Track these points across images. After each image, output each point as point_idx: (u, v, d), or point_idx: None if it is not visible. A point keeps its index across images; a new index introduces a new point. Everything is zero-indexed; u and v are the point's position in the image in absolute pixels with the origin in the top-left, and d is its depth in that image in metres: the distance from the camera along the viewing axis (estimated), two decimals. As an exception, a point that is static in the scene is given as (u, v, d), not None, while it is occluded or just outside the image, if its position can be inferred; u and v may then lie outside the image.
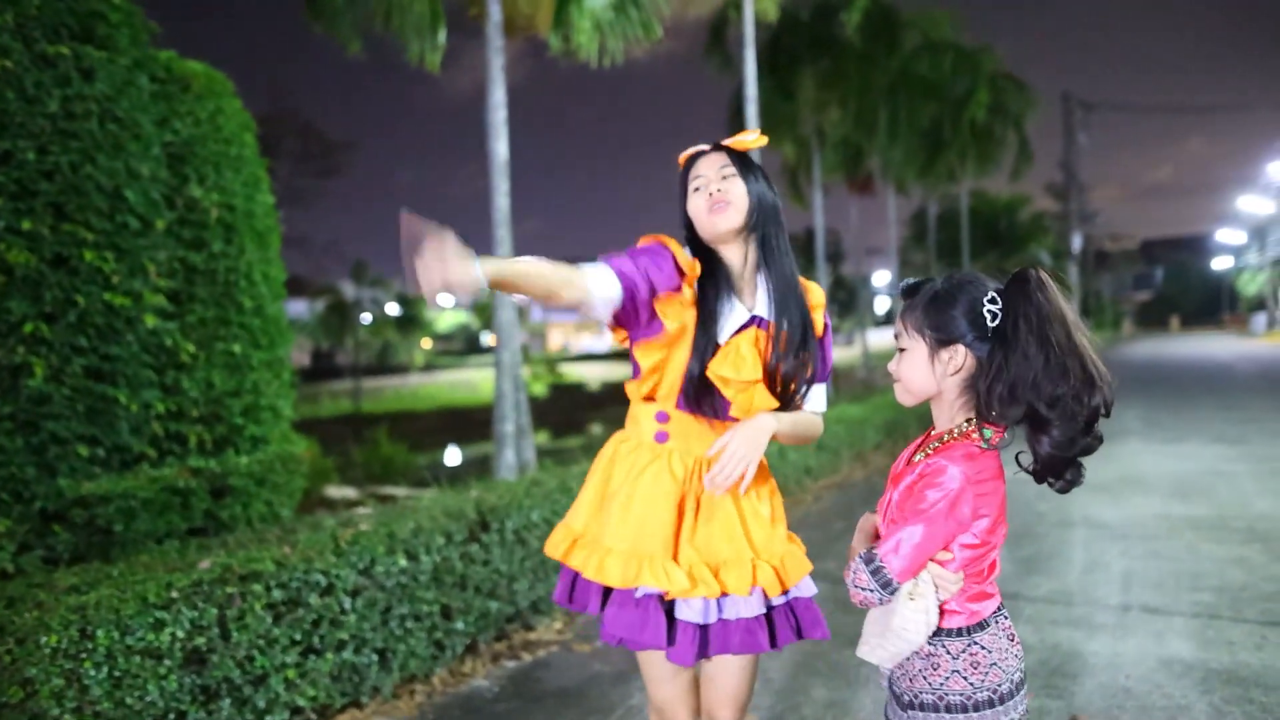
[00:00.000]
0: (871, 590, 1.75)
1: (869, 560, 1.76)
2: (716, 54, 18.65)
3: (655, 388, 2.24)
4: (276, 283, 5.77)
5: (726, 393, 2.17)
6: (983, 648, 1.81)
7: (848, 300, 46.10)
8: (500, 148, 8.81)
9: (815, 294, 2.31)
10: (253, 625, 3.32)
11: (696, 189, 2.22)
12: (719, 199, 2.17)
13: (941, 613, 1.80)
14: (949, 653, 1.80)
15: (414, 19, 8.85)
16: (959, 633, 1.80)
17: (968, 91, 23.86)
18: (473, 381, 40.29)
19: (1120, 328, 56.36)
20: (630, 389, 2.31)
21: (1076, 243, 43.94)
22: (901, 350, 1.84)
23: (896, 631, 1.78)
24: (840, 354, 39.61)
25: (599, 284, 2.03)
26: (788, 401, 2.24)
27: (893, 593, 1.76)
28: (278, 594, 3.42)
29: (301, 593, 3.51)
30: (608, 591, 2.22)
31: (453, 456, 21.96)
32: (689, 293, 2.17)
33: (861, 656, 1.87)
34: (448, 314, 62.42)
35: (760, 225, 2.22)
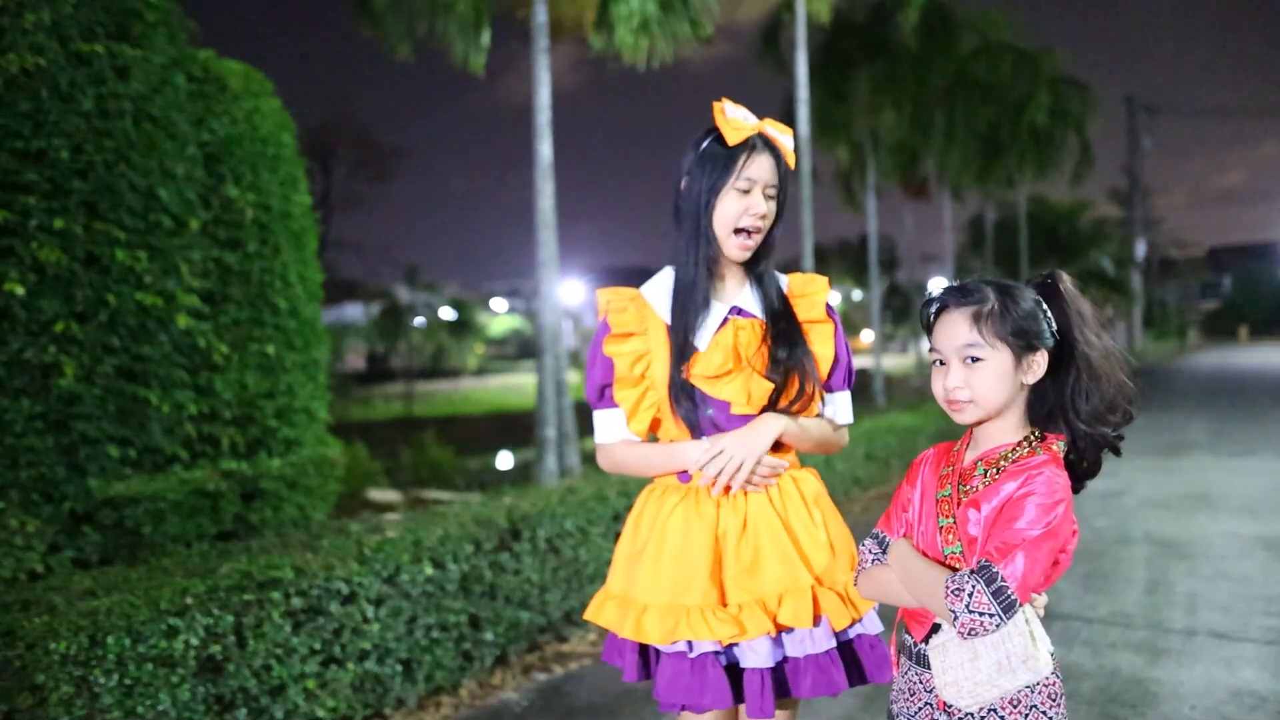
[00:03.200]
0: (991, 614, 1.51)
1: (989, 579, 1.52)
2: (769, 57, 18.42)
3: (655, 424, 2.09)
4: (312, 284, 5.72)
5: (712, 391, 2.00)
6: (1057, 676, 1.65)
7: (902, 307, 45.36)
8: (545, 150, 8.73)
9: (816, 283, 2.14)
10: (270, 633, 3.23)
11: (744, 191, 2.01)
12: (754, 227, 2.02)
13: None
14: (1028, 685, 1.62)
15: (457, 19, 8.81)
16: None
17: (1027, 94, 23.31)
18: (524, 386, 40.31)
19: (1185, 337, 54.74)
20: (635, 432, 2.12)
21: (1140, 250, 42.79)
22: (976, 361, 1.64)
23: (1027, 662, 1.56)
24: (894, 361, 39.07)
25: (616, 426, 2.09)
26: (796, 399, 2.04)
27: (1012, 616, 1.53)
28: (297, 601, 3.33)
29: (322, 600, 3.42)
30: (645, 652, 2.03)
31: (505, 460, 22.00)
32: (634, 317, 2.06)
33: (957, 703, 1.62)
34: (500, 318, 62.76)
35: (767, 242, 2.09)
